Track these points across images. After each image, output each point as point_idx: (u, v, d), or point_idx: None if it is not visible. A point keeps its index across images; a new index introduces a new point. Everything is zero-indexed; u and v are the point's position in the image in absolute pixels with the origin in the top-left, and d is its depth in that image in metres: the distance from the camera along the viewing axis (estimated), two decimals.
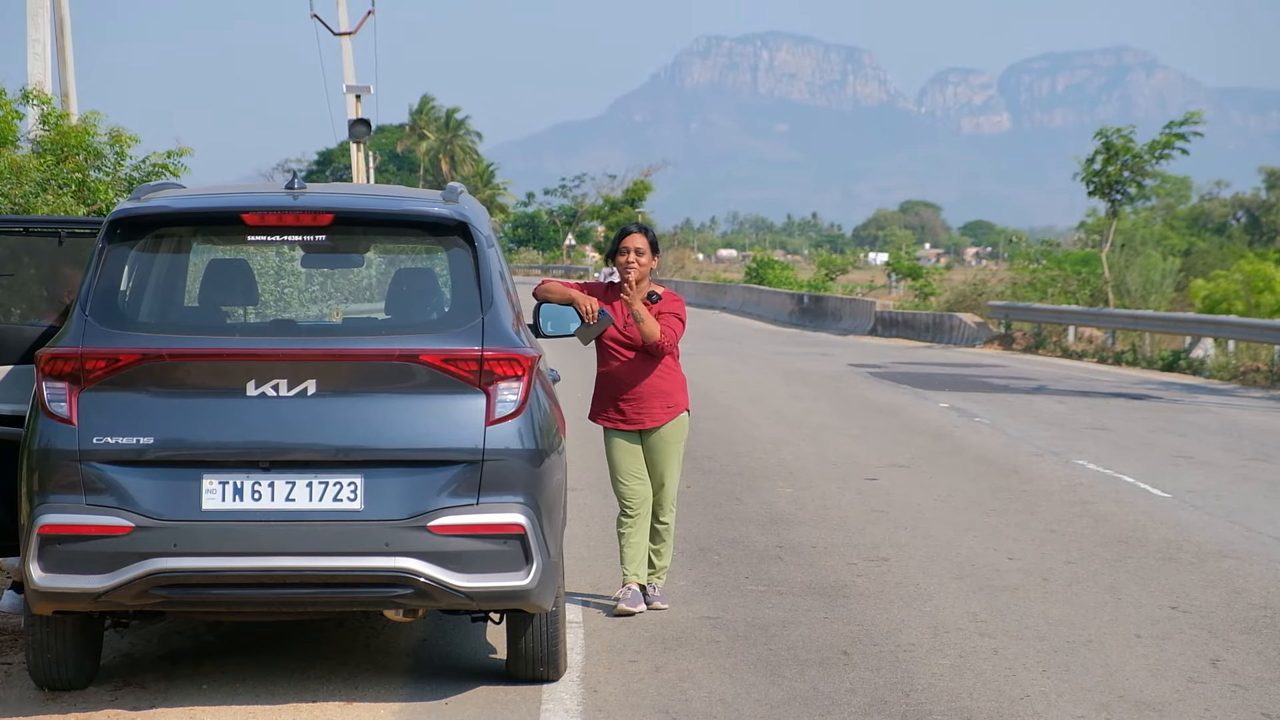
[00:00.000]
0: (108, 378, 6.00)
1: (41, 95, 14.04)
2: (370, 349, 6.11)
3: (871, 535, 10.37)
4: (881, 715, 6.37)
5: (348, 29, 33.57)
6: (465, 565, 6.00)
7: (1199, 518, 11.36)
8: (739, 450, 14.64)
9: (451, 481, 6.04)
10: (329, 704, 6.37)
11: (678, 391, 8.06)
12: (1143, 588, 8.89)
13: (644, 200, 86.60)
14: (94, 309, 6.12)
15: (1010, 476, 13.34)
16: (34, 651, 6.36)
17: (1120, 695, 6.73)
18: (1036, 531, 10.65)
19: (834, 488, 12.47)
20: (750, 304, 51.68)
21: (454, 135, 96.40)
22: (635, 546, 8.04)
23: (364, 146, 33.51)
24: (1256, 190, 73.55)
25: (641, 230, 8.02)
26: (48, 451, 5.96)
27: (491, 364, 6.12)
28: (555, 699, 6.48)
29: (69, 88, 17.62)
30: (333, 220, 6.37)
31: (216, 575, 5.92)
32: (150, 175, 13.39)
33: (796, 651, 7.32)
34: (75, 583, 5.89)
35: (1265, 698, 6.77)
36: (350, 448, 6.00)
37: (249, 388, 6.00)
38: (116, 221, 6.31)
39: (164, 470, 5.96)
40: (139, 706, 6.31)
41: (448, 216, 6.40)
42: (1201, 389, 24.36)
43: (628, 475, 8.05)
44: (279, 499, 5.97)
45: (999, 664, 7.17)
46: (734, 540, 10.08)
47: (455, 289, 6.34)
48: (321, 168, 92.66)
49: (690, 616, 7.98)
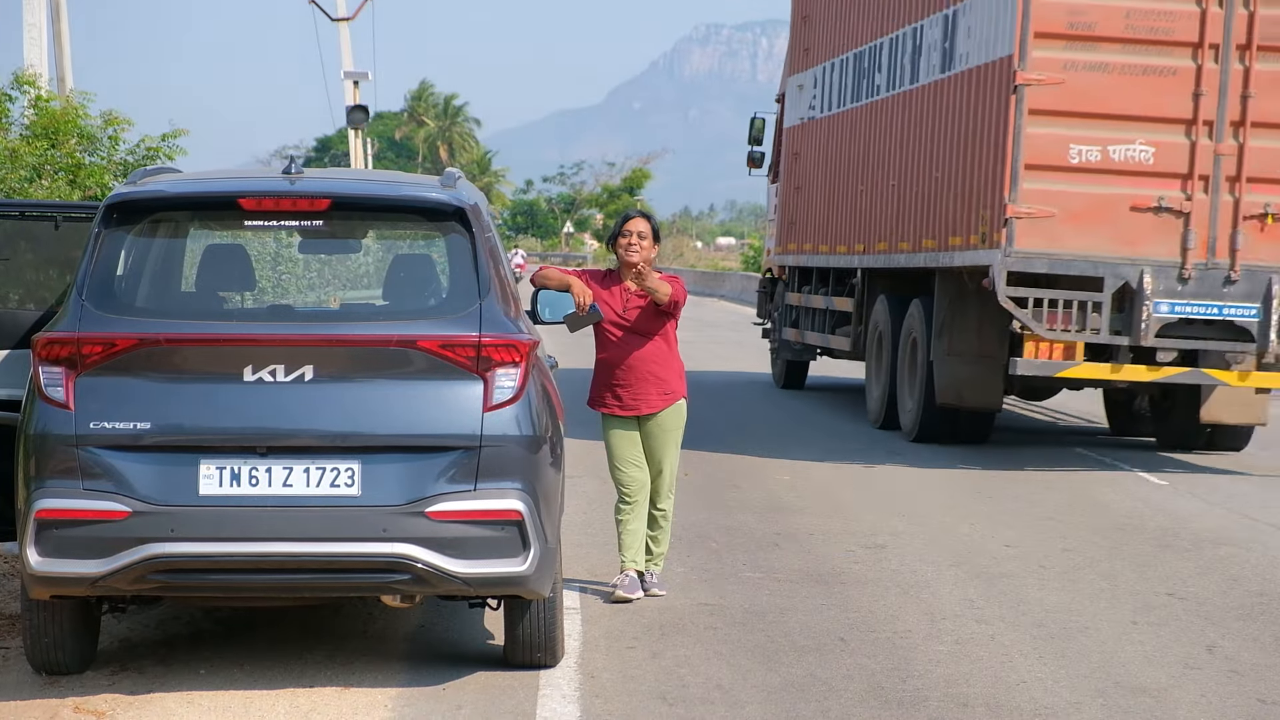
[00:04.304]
0: (104, 363, 5.99)
1: (30, 78, 14.00)
2: (368, 335, 6.11)
3: (869, 522, 10.37)
4: (878, 701, 6.38)
5: (346, 14, 33.54)
6: (463, 551, 6.00)
7: (1196, 505, 11.38)
8: (737, 437, 14.65)
9: (449, 467, 6.03)
10: (326, 689, 6.37)
11: (675, 378, 8.06)
12: (1139, 575, 8.90)
13: (642, 188, 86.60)
14: (90, 294, 6.11)
15: (1007, 463, 13.35)
16: (31, 636, 6.35)
17: (1116, 681, 6.74)
18: (1033, 519, 10.66)
19: (832, 475, 12.48)
20: (749, 292, 51.64)
21: (452, 122, 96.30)
22: (633, 533, 8.04)
23: (362, 133, 33.49)
24: None
25: (644, 216, 8.02)
26: (44, 436, 5.95)
27: (489, 350, 6.12)
28: (553, 685, 6.48)
29: (65, 72, 17.59)
30: (330, 206, 6.36)
31: (214, 560, 5.92)
32: (145, 159, 13.37)
33: (794, 638, 7.32)
34: (72, 568, 5.89)
35: (1261, 683, 6.78)
36: (348, 433, 5.99)
37: (246, 373, 6.00)
38: (113, 206, 6.30)
39: (161, 455, 5.95)
40: (136, 691, 6.31)
41: (445, 202, 6.39)
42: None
43: (625, 462, 8.04)
44: (276, 484, 5.96)
45: (996, 650, 7.18)
46: (732, 527, 10.09)
47: (453, 275, 6.33)
48: (320, 154, 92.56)
49: (688, 603, 7.98)
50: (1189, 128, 12.42)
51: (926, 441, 14.44)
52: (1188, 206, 12.45)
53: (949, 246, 13.68)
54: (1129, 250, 12.47)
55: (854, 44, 16.67)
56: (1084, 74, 12.31)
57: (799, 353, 19.38)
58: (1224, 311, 12.48)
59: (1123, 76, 12.32)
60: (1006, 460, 13.54)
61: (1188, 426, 14.34)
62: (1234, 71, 12.34)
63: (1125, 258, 12.46)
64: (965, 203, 13.34)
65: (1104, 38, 12.31)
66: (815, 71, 18.09)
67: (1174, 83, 12.34)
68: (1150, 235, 12.48)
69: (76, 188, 12.52)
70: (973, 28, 13.37)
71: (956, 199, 13.55)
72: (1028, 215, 12.37)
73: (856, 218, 16.42)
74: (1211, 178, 12.43)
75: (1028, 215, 12.37)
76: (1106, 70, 12.33)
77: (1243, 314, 12.48)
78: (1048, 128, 12.36)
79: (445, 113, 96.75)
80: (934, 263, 14.06)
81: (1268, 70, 12.36)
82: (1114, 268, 12.45)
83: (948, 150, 13.89)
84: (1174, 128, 12.41)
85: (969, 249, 13.17)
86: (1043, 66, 12.29)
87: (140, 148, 13.62)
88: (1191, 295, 12.48)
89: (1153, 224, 12.46)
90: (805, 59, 18.54)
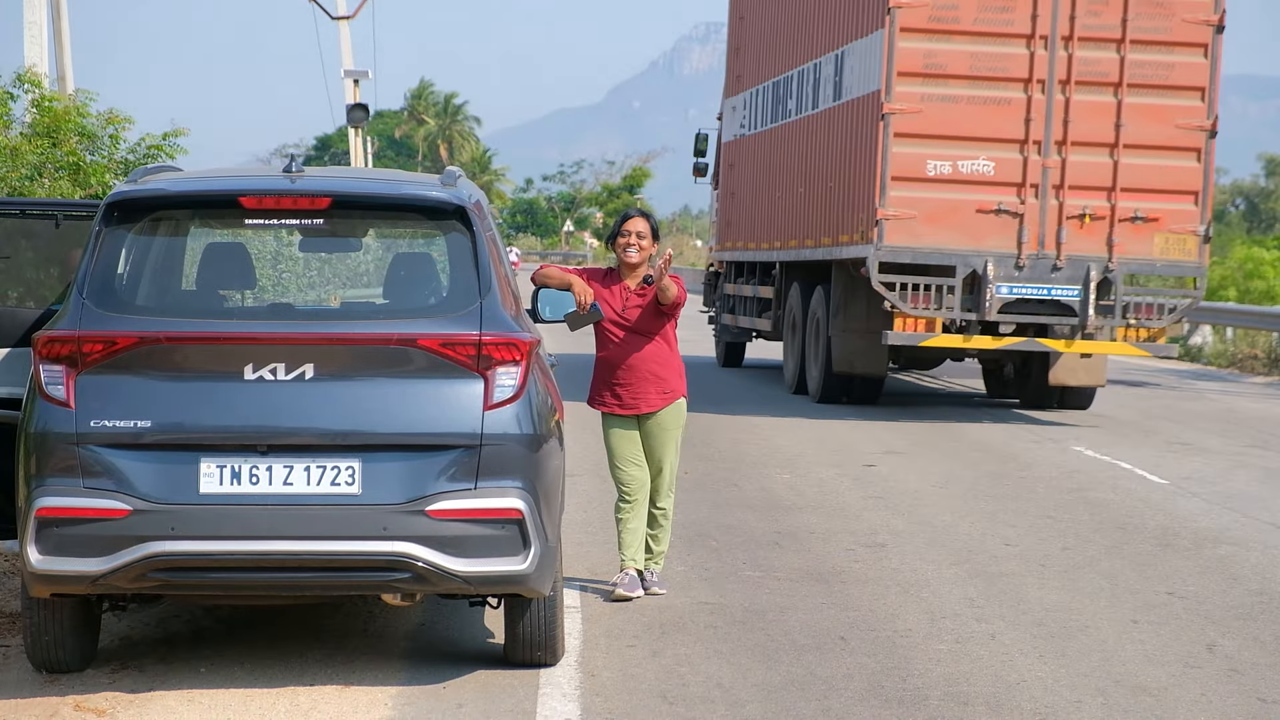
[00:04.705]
0: (105, 361, 5.99)
1: (33, 78, 14.00)
2: (368, 333, 6.10)
3: (869, 521, 10.37)
4: (878, 700, 6.38)
5: (346, 13, 33.51)
6: (463, 550, 6.00)
7: (1196, 504, 11.38)
8: (737, 436, 14.65)
9: (449, 466, 6.04)
10: (326, 688, 6.38)
11: (675, 377, 8.06)
12: (1139, 574, 8.91)
13: (642, 187, 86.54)
14: (91, 292, 6.11)
15: (1008, 463, 13.35)
16: (32, 634, 6.36)
17: (1117, 680, 6.74)
18: (1033, 518, 10.66)
19: (831, 474, 12.48)
20: None
21: (452, 121, 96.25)
22: (632, 532, 8.04)
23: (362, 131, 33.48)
24: (1255, 177, 73.56)
25: (643, 215, 8.02)
26: (45, 434, 5.96)
27: (490, 349, 6.12)
28: (553, 683, 6.48)
29: (65, 70, 17.59)
30: (331, 204, 6.36)
31: (214, 559, 5.92)
32: (146, 158, 13.35)
33: (794, 637, 7.32)
34: (73, 566, 5.89)
35: (1261, 682, 6.79)
36: (348, 432, 5.99)
37: (247, 371, 6.00)
38: (113, 204, 6.30)
39: (162, 454, 5.95)
40: (137, 689, 6.31)
41: (446, 201, 6.39)
42: (1199, 375, 24.38)
43: (624, 460, 8.05)
44: (277, 483, 5.96)
45: (996, 649, 7.18)
46: (732, 526, 10.09)
47: (453, 273, 6.33)
48: (320, 153, 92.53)
49: (688, 602, 7.98)
50: (1022, 146, 15.52)
51: (828, 403, 17.42)
52: (1022, 209, 15.55)
53: (839, 242, 16.70)
54: (975, 244, 15.51)
55: (772, 74, 20.03)
56: (938, 104, 15.49)
57: (736, 335, 22.46)
58: (1052, 292, 15.59)
59: (969, 106, 15.45)
60: (1006, 459, 13.54)
61: (1042, 389, 17.55)
62: (1057, 101, 15.50)
63: (972, 250, 15.49)
64: (850, 207, 16.42)
65: (953, 75, 15.47)
66: (745, 95, 21.42)
67: (1009, 111, 15.47)
68: (992, 232, 15.57)
69: (78, 186, 12.51)
70: (854, 66, 16.59)
71: (844, 204, 16.64)
72: (894, 217, 15.45)
73: (775, 219, 19.47)
74: (1040, 186, 15.58)
75: (894, 217, 15.45)
76: (955, 101, 15.50)
77: (1067, 294, 15.57)
78: (909, 147, 15.44)
79: (445, 111, 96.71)
80: (830, 256, 17.13)
81: (1083, 100, 15.55)
82: (964, 258, 15.47)
83: (838, 165, 17.04)
84: (1010, 146, 15.50)
85: (853, 244, 16.17)
86: (905, 99, 15.42)
87: (141, 146, 13.60)
88: (1026, 279, 15.58)
89: (994, 223, 15.59)
90: (738, 84, 21.84)
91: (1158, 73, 15.51)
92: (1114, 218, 15.53)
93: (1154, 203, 15.61)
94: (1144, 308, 15.73)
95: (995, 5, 15.40)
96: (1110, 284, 15.56)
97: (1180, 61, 15.52)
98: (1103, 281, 15.54)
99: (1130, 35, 15.41)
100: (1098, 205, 15.54)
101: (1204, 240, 15.73)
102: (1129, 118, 15.48)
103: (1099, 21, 15.43)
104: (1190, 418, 17.50)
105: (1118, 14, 15.41)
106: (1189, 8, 15.46)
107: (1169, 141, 15.55)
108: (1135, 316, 15.70)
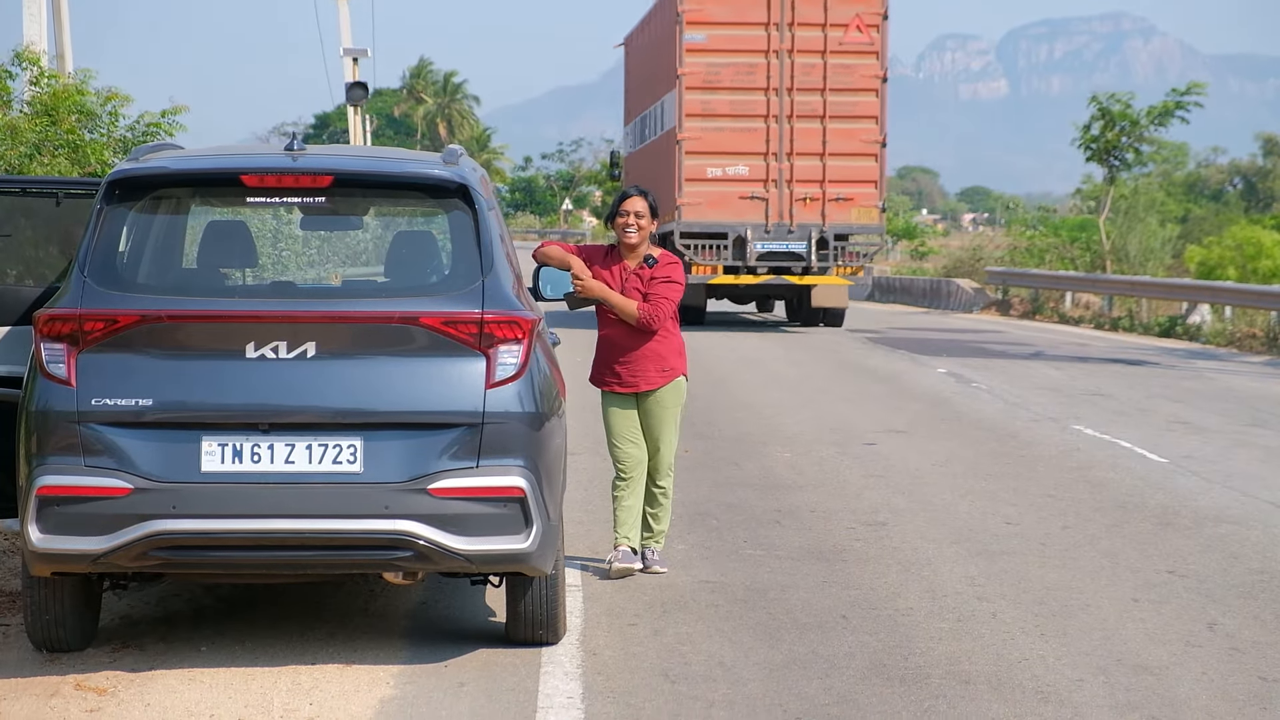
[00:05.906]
0: (106, 339, 5.98)
1: (32, 55, 13.97)
2: (370, 311, 6.09)
3: (870, 500, 10.38)
4: (880, 678, 6.38)
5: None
6: (465, 528, 6.00)
7: (1196, 483, 11.38)
8: (737, 415, 14.65)
9: (451, 444, 6.03)
10: (328, 666, 6.38)
11: (674, 356, 8.05)
12: (1140, 552, 8.91)
13: None
14: (92, 270, 6.09)
15: (1008, 442, 13.36)
16: (32, 613, 6.36)
17: (1118, 659, 6.74)
18: (1034, 497, 10.67)
19: (832, 453, 12.48)
20: None
21: (451, 99, 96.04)
22: (628, 509, 8.03)
23: (361, 110, 33.36)
24: (1253, 157, 73.48)
25: (641, 194, 8.00)
26: (46, 413, 5.95)
27: (492, 327, 6.11)
28: (555, 662, 6.49)
29: (64, 49, 17.54)
30: (332, 182, 6.34)
31: (215, 537, 5.92)
32: (145, 136, 13.33)
33: (795, 615, 7.33)
34: (74, 544, 5.88)
35: (1262, 661, 6.79)
36: (350, 410, 5.99)
37: (248, 350, 5.99)
38: (115, 183, 6.28)
39: (163, 432, 5.94)
40: (137, 668, 6.31)
41: (448, 179, 6.37)
42: (1198, 355, 24.38)
43: (622, 438, 8.04)
44: (278, 461, 5.95)
45: (997, 628, 7.18)
46: (732, 505, 10.09)
47: (455, 252, 6.31)
48: (318, 131, 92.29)
49: (689, 581, 7.99)
50: (765, 156, 25.74)
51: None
52: (767, 196, 25.73)
53: (664, 221, 25.41)
54: (739, 219, 25.65)
55: (639, 111, 31.05)
56: (712, 133, 25.76)
57: None
58: (789, 247, 25.73)
59: (731, 133, 25.71)
60: (1006, 438, 13.55)
61: (810, 313, 27.59)
62: (786, 129, 25.72)
63: (738, 222, 25.64)
64: (666, 199, 25.49)
65: (721, 115, 25.74)
66: (634, 123, 32.04)
67: (756, 135, 25.73)
68: (749, 211, 25.75)
69: (77, 165, 12.48)
70: (667, 109, 26.76)
71: (668, 197, 25.71)
72: (688, 204, 25.65)
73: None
74: (779, 181, 25.77)
75: (688, 204, 25.65)
76: (722, 130, 25.75)
77: (798, 247, 25.71)
78: (695, 160, 25.73)
79: (444, 90, 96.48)
80: (661, 230, 25.66)
81: (802, 127, 25.74)
82: (732, 227, 25.61)
83: (663, 173, 26.81)
84: (758, 157, 25.75)
85: (670, 222, 25.69)
86: (691, 130, 25.76)
87: (140, 124, 13.58)
88: (772, 239, 25.70)
89: (750, 205, 25.77)
90: (629, 115, 32.79)
91: (847, 108, 25.69)
92: (825, 199, 25.61)
93: (849, 189, 25.68)
94: (846, 253, 25.82)
95: (744, 70, 25.54)
96: (826, 240, 25.64)
97: (861, 100, 25.76)
98: (820, 239, 25.62)
99: (830, 85, 25.61)
100: (814, 191, 25.63)
101: (881, 210, 26.14)
102: (831, 137, 25.66)
103: (809, 79, 25.62)
104: (1189, 396, 17.49)
105: (820, 74, 25.58)
106: (866, 67, 25.71)
107: (856, 150, 25.71)
108: (842, 261, 25.80)
